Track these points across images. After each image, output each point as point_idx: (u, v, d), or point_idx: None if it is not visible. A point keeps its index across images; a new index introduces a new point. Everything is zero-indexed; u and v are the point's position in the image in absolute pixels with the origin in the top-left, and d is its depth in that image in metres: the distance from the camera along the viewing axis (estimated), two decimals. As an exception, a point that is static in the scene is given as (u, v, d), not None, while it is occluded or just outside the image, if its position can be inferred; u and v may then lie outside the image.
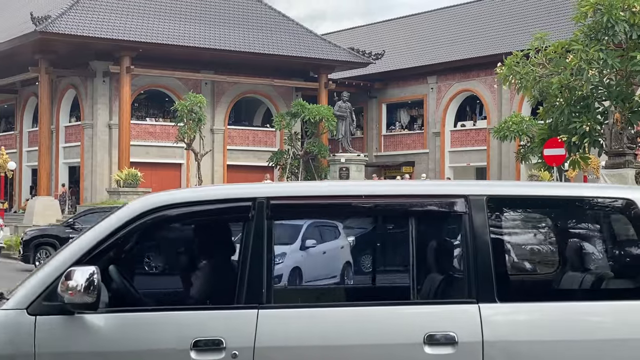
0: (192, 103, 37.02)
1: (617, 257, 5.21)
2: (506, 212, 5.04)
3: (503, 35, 43.74)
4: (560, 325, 4.61)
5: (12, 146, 47.79)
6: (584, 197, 5.07)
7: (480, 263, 4.66)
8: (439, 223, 5.11)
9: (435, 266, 4.95)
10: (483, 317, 4.57)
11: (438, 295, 4.79)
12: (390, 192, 5.02)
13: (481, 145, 43.65)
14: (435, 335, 4.51)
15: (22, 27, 40.45)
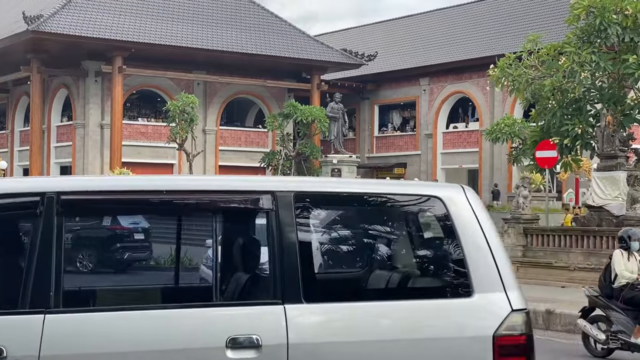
0: (184, 103, 36.97)
1: (424, 256, 5.10)
2: (315, 210, 4.86)
3: (496, 38, 43.83)
4: (368, 325, 4.46)
5: (4, 145, 47.68)
6: (393, 194, 4.93)
7: (286, 262, 4.46)
8: (244, 220, 4.87)
9: (240, 266, 4.75)
10: (289, 319, 4.38)
11: (242, 297, 4.58)
12: (193, 187, 4.71)
13: (473, 147, 43.71)
14: (238, 339, 4.30)
15: (13, 26, 40.35)
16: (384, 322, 4.52)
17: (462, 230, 4.69)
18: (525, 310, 4.70)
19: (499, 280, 4.65)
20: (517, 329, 4.61)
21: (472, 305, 4.60)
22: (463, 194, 4.89)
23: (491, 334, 4.53)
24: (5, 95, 49.14)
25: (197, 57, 42.04)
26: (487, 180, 42.41)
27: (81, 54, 40.93)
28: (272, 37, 44.46)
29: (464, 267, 4.64)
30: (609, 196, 19.16)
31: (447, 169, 45.20)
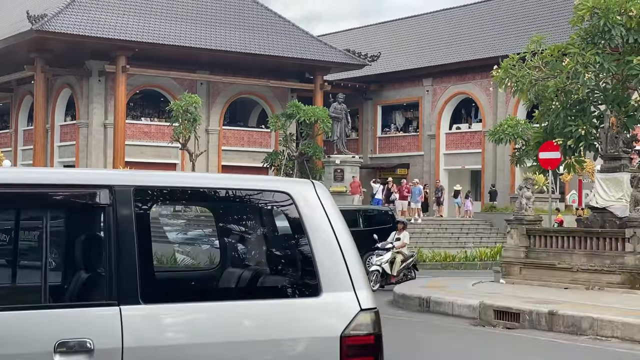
0: (188, 103, 37.00)
1: (271, 254, 4.90)
2: (157, 205, 4.62)
3: (499, 38, 43.82)
4: (211, 326, 4.25)
5: (7, 145, 47.73)
6: (240, 189, 4.69)
7: (123, 261, 4.19)
8: (78, 216, 4.56)
9: (72, 264, 4.49)
10: (124, 321, 4.10)
11: (75, 297, 4.32)
12: (23, 180, 4.32)
13: (476, 148, 43.70)
14: (69, 343, 4.01)
15: (18, 25, 40.40)
16: (228, 323, 4.31)
17: (310, 228, 4.52)
18: (374, 309, 4.51)
19: (348, 280, 4.49)
20: (365, 328, 4.45)
21: (320, 305, 4.44)
22: (313, 189, 4.67)
23: (339, 335, 4.38)
24: (9, 95, 49.20)
25: (200, 57, 42.07)
26: (489, 181, 42.40)
27: (85, 53, 40.98)
28: (275, 37, 44.48)
29: (312, 266, 4.46)
30: (612, 198, 19.15)
31: (450, 169, 45.20)
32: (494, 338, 13.42)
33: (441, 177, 43.95)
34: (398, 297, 17.34)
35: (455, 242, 34.33)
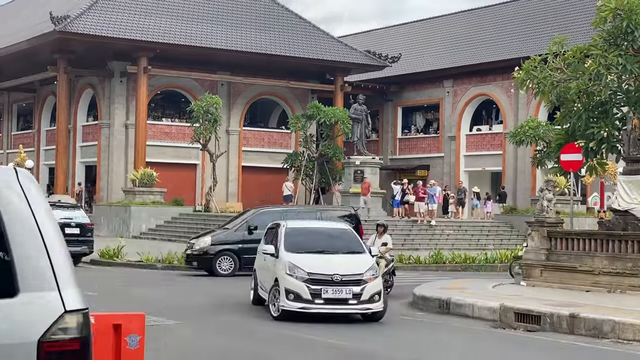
0: (208, 104, 37.14)
1: None
2: None
3: (521, 40, 43.66)
4: None
5: (30, 144, 48.09)
6: None
7: None
8: None
9: None
10: None
11: None
12: None
13: (497, 149, 43.56)
14: None
15: (41, 26, 40.72)
16: None
17: (8, 219, 4.03)
18: (83, 310, 4.09)
19: (53, 278, 4.01)
20: (70, 332, 4.00)
21: (15, 307, 3.92)
22: (15, 177, 4.18)
23: (36, 340, 3.89)
24: (32, 95, 49.59)
25: (221, 57, 42.22)
26: (510, 183, 42.25)
27: (107, 54, 41.24)
28: (296, 38, 44.56)
29: (8, 262, 3.98)
30: (634, 200, 19.03)
31: (471, 171, 45.08)
32: (514, 341, 13.39)
33: (461, 178, 43.83)
34: (418, 298, 17.33)
35: (476, 244, 34.24)
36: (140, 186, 37.77)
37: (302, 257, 14.53)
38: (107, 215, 38.56)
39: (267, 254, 15.12)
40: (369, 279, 14.16)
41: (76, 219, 25.21)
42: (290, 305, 14.03)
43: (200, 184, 43.34)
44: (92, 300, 16.45)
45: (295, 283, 14.07)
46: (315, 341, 12.46)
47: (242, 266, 22.58)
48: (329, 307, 14.07)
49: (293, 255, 14.56)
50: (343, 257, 14.89)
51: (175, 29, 41.22)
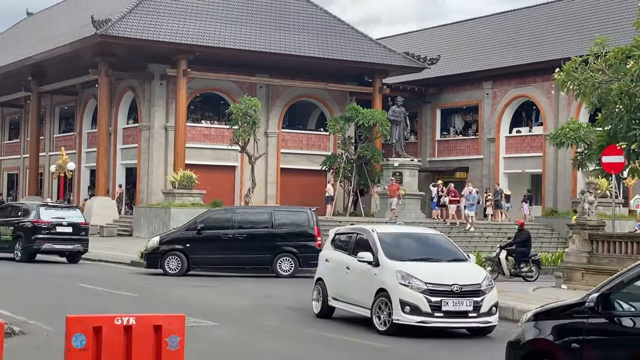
0: (247, 106, 37.33)
1: None
2: None
3: (561, 41, 43.27)
4: None
5: (72, 147, 48.70)
6: None
7: None
8: None
9: None
10: None
11: None
12: None
13: (537, 151, 43.21)
14: None
15: (83, 30, 41.25)
16: None
17: None
18: None
19: None
20: None
21: None
22: None
23: None
24: (74, 98, 50.23)
25: (260, 60, 42.41)
26: (551, 185, 41.88)
27: (147, 57, 41.64)
28: (334, 40, 44.61)
29: None
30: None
31: (510, 173, 44.77)
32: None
33: (501, 180, 43.53)
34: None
35: (515, 246, 33.90)
36: (179, 188, 38.07)
37: (412, 266, 13.34)
38: (147, 216, 38.91)
39: (363, 261, 13.63)
40: (486, 289, 13.24)
41: (69, 219, 26.26)
42: (406, 318, 12.81)
43: (239, 186, 43.56)
44: (133, 301, 16.64)
45: (412, 294, 12.86)
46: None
47: (191, 266, 22.74)
48: (449, 320, 13.01)
49: (401, 264, 13.32)
50: (452, 265, 13.80)
51: (215, 32, 41.50)
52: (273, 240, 22.90)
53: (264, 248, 22.77)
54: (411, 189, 39.25)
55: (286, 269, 22.85)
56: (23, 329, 12.49)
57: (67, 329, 7.23)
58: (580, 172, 37.50)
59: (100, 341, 7.24)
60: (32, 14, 66.61)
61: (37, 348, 11.26)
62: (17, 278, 21.43)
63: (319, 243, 22.35)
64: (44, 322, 13.34)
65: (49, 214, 26.13)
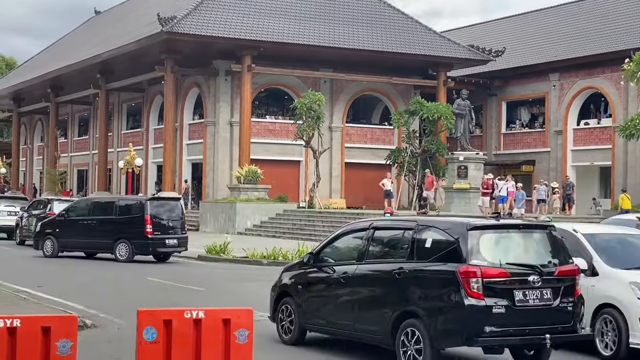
0: (311, 101, 37.45)
1: None
2: None
3: (630, 30, 42.35)
4: None
5: (139, 143, 49.50)
6: None
7: None
8: None
9: None
10: None
11: None
12: None
13: (606, 144, 42.41)
14: None
15: (149, 27, 41.88)
16: None
17: None
18: None
19: None
20: None
21: None
22: None
23: None
24: (141, 95, 51.05)
25: (323, 54, 42.49)
26: (620, 178, 41.09)
27: (212, 53, 42.07)
28: (397, 33, 44.44)
29: None
30: None
31: (578, 166, 44.04)
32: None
33: (569, 173, 42.83)
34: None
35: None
36: (245, 183, 38.41)
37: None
38: (213, 211, 39.36)
39: None
40: None
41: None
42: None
43: (304, 181, 43.75)
44: (200, 295, 16.87)
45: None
46: None
47: (59, 248, 25.61)
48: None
49: (635, 274, 11.02)
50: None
51: (278, 27, 41.71)
52: (113, 227, 24.83)
53: (108, 234, 24.84)
54: (476, 182, 38.90)
55: (123, 254, 24.60)
56: (95, 322, 12.78)
57: (138, 322, 7.38)
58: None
59: (171, 334, 7.38)
60: (100, 12, 67.90)
61: (109, 341, 11.51)
62: (82, 272, 21.91)
63: (148, 231, 24.26)
64: (114, 315, 13.63)
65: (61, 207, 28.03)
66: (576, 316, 9.86)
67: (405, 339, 9.73)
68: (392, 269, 10.04)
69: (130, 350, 8.19)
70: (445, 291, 9.41)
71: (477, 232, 9.62)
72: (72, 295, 15.77)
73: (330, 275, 10.99)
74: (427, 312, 9.57)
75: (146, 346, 7.26)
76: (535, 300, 9.54)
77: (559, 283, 9.78)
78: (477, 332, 9.24)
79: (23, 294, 15.36)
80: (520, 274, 9.53)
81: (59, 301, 14.84)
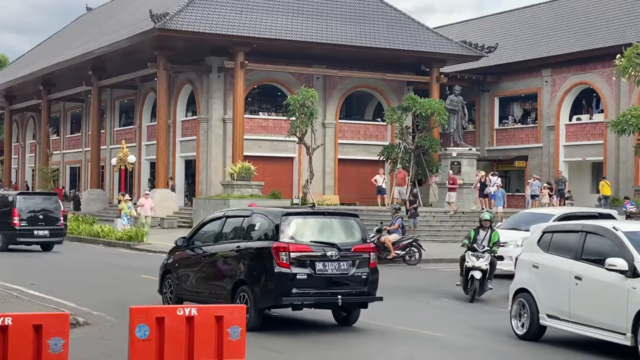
0: (304, 97, 37.41)
1: None
2: None
3: (622, 26, 42.45)
4: None
5: (132, 140, 49.41)
6: None
7: None
8: None
9: None
10: None
11: None
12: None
13: (598, 139, 42.52)
14: None
15: (141, 24, 41.79)
16: None
17: None
18: None
19: None
20: None
21: None
22: None
23: None
24: (134, 92, 50.94)
25: (316, 51, 42.47)
26: (612, 173, 41.19)
27: (205, 50, 42.01)
28: (390, 29, 44.43)
29: None
30: None
31: (570, 161, 44.14)
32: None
33: (561, 168, 42.93)
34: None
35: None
36: (238, 180, 38.37)
37: None
38: (207, 208, 39.28)
39: (613, 270, 10.54)
40: None
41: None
42: None
43: (297, 177, 43.75)
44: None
45: None
46: None
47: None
48: None
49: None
50: None
51: (271, 24, 41.66)
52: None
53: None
54: (469, 178, 38.95)
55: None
56: (87, 319, 12.77)
57: (130, 320, 7.38)
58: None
59: (163, 332, 7.38)
60: (92, 9, 67.73)
61: (102, 338, 11.51)
62: (78, 268, 21.87)
63: (15, 222, 26.85)
64: (107, 313, 13.62)
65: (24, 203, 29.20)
66: (370, 283, 12.58)
67: (239, 302, 12.17)
68: (233, 248, 12.91)
69: (123, 347, 8.19)
70: (263, 263, 12.22)
71: (289, 217, 12.43)
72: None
73: (196, 254, 13.82)
74: (251, 279, 12.36)
75: (139, 343, 7.27)
76: (333, 270, 12.24)
77: (355, 257, 12.42)
78: (284, 293, 12.00)
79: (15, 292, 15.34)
80: (321, 249, 12.23)
81: (51, 299, 14.83)
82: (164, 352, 7.34)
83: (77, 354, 8.69)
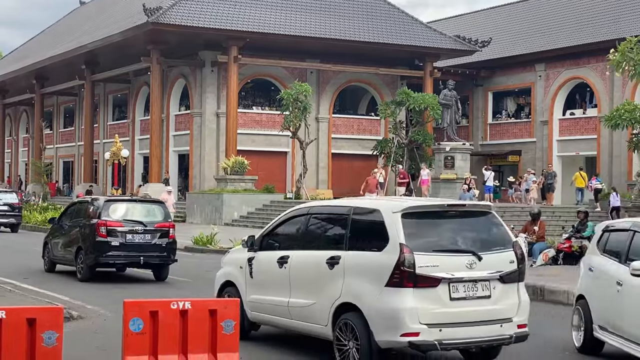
0: (298, 92, 37.39)
1: None
2: None
3: (615, 21, 42.48)
4: None
5: (125, 134, 49.33)
6: None
7: None
8: None
9: None
10: None
11: None
12: None
13: (591, 134, 42.59)
14: None
15: (134, 18, 41.68)
16: None
17: None
18: None
19: None
20: None
21: None
22: None
23: None
24: (127, 86, 50.84)
25: (310, 45, 42.43)
26: (606, 168, 41.27)
27: (198, 44, 41.94)
28: (384, 24, 44.41)
29: None
30: None
31: (564, 156, 44.21)
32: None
33: (555, 163, 43.00)
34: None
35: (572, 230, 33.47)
36: (231, 174, 38.34)
37: None
38: (200, 203, 39.30)
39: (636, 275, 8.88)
40: None
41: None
42: None
43: (291, 171, 43.74)
44: (187, 286, 16.85)
45: None
46: None
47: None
48: None
49: None
50: None
51: (265, 18, 41.60)
52: None
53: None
54: (463, 173, 38.99)
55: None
56: (81, 313, 12.75)
57: (124, 313, 7.37)
58: (635, 154, 36.93)
59: (157, 325, 7.37)
60: (85, 3, 67.55)
61: (96, 331, 11.49)
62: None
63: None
64: (101, 306, 13.60)
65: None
66: (168, 250, 17.42)
67: (79, 261, 17.32)
68: (78, 224, 17.91)
69: (117, 341, 8.18)
70: (91, 234, 17.01)
71: (109, 203, 17.63)
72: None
73: (62, 228, 18.84)
74: (84, 245, 17.14)
75: (133, 337, 7.26)
76: (137, 239, 17.13)
77: (158, 232, 17.38)
78: (101, 255, 16.92)
79: (9, 286, 15.31)
80: (132, 225, 17.16)
81: (46, 292, 14.80)
82: (157, 345, 7.33)
83: (71, 348, 8.68)
